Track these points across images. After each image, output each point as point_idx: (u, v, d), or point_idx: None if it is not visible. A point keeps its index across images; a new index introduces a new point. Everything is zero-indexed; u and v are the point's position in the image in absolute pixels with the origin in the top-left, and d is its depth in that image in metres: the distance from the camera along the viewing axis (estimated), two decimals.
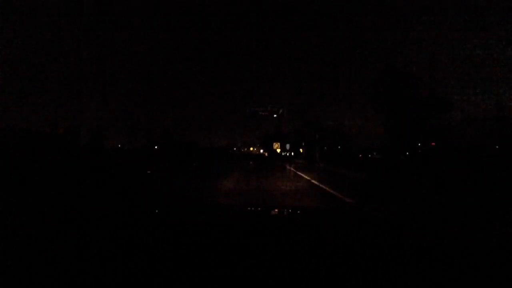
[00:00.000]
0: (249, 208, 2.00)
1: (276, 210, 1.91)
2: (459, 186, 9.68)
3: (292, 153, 46.16)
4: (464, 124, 31.70)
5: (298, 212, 1.87)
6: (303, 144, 41.17)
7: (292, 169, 19.76)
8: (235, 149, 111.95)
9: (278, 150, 44.99)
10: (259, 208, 2.06)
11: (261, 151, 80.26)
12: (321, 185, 9.93)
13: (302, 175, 14.37)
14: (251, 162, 29.27)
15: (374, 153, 45.51)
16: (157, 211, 1.68)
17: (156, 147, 79.19)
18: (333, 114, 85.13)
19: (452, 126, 29.73)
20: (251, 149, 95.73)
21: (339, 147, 53.46)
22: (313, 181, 11.46)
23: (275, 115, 36.01)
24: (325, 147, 58.18)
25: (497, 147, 29.85)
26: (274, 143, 44.15)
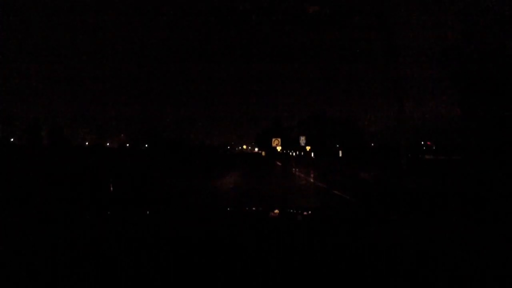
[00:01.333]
0: (247, 209, 1.96)
1: (276, 211, 1.82)
2: None
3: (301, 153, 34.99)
4: None
5: (297, 213, 1.82)
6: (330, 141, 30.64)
7: None
8: (228, 147, 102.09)
9: (279, 148, 34.39)
10: (256, 209, 2.02)
11: (256, 149, 70.14)
12: None
13: None
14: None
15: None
16: (153, 213, 1.65)
17: (146, 145, 71.61)
18: (342, 106, 74.70)
19: None
20: (244, 147, 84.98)
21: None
22: None
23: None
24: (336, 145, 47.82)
25: None
26: (274, 139, 33.58)
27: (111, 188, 9.54)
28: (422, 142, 61.16)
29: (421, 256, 0.94)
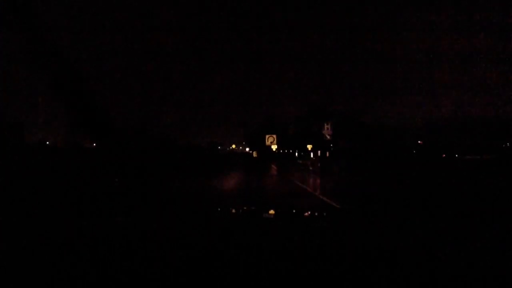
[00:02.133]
0: (244, 208, 1.94)
1: (271, 212, 1.84)
2: None
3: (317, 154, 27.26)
4: None
5: (290, 214, 1.83)
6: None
7: None
8: (219, 147, 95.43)
9: (274, 148, 27.87)
10: (253, 208, 2.12)
11: (247, 149, 63.64)
12: None
13: None
14: None
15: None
16: (154, 214, 1.71)
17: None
18: (338, 101, 68.89)
19: None
20: (233, 146, 78.18)
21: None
22: None
23: None
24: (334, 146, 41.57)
25: None
26: (268, 136, 27.09)
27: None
28: (419, 142, 57.24)
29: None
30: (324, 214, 2.45)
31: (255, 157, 31.33)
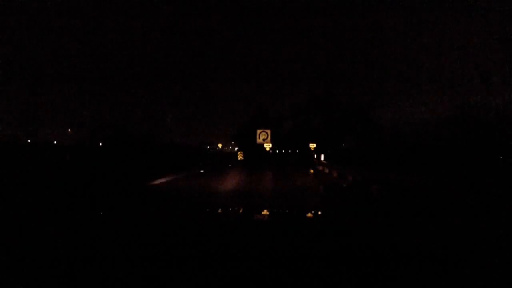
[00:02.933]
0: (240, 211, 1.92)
1: (266, 212, 1.83)
2: None
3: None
4: None
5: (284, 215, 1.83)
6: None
7: None
8: (208, 147, 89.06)
9: (268, 147, 21.36)
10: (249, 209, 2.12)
11: (236, 149, 57.42)
12: None
13: None
14: None
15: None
16: (153, 213, 1.73)
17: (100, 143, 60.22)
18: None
19: None
20: (220, 146, 71.35)
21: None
22: None
23: None
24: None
25: None
26: (259, 132, 20.60)
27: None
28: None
29: None
30: None
31: (241, 160, 23.76)
